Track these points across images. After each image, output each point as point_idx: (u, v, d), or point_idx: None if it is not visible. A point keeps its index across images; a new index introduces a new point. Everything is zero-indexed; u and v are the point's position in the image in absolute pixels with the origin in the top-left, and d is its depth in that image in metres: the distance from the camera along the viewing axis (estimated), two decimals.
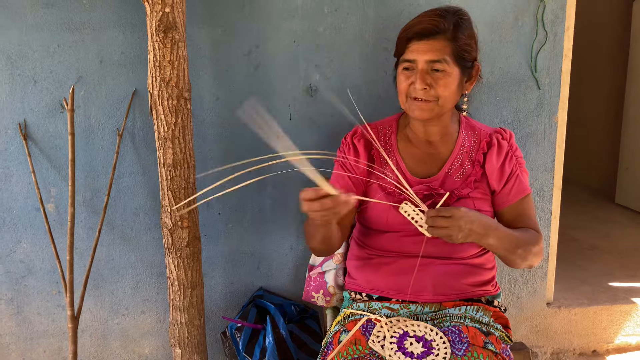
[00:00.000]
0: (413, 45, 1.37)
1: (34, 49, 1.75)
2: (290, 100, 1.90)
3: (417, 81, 1.37)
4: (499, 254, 1.39)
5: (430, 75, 1.36)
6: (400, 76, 1.42)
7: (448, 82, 1.37)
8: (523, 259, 1.39)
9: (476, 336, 1.30)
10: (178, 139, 1.57)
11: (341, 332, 1.37)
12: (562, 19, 1.95)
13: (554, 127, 2.04)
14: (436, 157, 1.49)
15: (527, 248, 1.38)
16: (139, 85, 1.81)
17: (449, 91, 1.38)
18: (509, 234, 1.37)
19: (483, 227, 1.30)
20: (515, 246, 1.36)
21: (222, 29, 1.82)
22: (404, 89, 1.41)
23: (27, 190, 1.84)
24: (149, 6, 1.51)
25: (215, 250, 1.97)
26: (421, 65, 1.36)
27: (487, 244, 1.34)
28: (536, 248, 1.41)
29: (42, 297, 1.93)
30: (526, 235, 1.42)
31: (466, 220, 1.26)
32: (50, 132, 1.82)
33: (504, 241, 1.35)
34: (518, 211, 1.47)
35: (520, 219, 1.47)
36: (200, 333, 1.74)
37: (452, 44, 1.35)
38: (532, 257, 1.41)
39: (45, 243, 1.88)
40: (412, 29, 1.37)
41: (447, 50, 1.35)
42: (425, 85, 1.36)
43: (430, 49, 1.35)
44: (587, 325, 2.27)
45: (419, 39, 1.36)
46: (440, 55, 1.35)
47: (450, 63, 1.36)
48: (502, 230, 1.36)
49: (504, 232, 1.36)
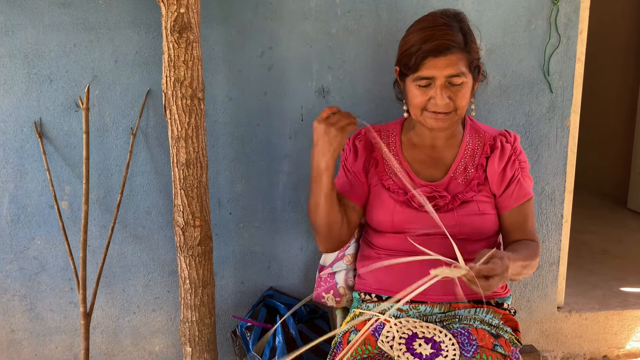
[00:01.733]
0: (430, 62, 1.33)
1: (50, 48, 1.78)
2: (302, 101, 1.91)
3: (438, 97, 1.35)
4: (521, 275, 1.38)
5: (449, 88, 1.35)
6: (415, 91, 1.38)
7: (465, 92, 1.37)
8: (524, 275, 1.39)
9: (485, 338, 1.30)
10: (191, 139, 1.59)
11: (351, 332, 1.38)
12: (575, 23, 1.94)
13: (566, 130, 2.03)
14: (440, 161, 1.50)
15: (530, 265, 1.38)
16: (153, 85, 1.83)
17: (466, 100, 1.38)
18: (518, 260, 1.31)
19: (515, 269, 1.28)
20: (522, 269, 1.35)
21: (235, 30, 1.83)
22: (421, 103, 1.38)
23: (41, 188, 1.87)
24: (164, 7, 1.52)
25: (227, 250, 1.98)
26: (440, 81, 1.34)
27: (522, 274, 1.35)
28: (535, 262, 1.41)
29: (55, 294, 1.95)
30: (528, 252, 1.39)
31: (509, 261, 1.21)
32: (65, 130, 1.84)
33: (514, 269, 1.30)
34: (518, 216, 1.47)
35: (519, 225, 1.47)
36: (210, 332, 1.75)
37: (466, 56, 1.35)
38: (531, 270, 1.41)
39: (58, 240, 1.90)
40: (425, 46, 1.33)
41: (463, 62, 1.34)
42: (447, 99, 1.35)
43: (448, 64, 1.32)
44: (597, 330, 2.25)
45: (435, 55, 1.32)
46: (458, 69, 1.33)
47: (467, 73, 1.35)
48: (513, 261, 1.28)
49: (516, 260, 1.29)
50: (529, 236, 1.47)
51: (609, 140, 4.35)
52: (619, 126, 4.19)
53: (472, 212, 1.42)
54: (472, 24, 1.41)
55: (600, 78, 4.20)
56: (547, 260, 2.14)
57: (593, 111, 4.25)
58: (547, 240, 2.11)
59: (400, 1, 1.86)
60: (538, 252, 1.43)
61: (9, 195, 1.86)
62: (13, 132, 1.82)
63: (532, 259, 1.40)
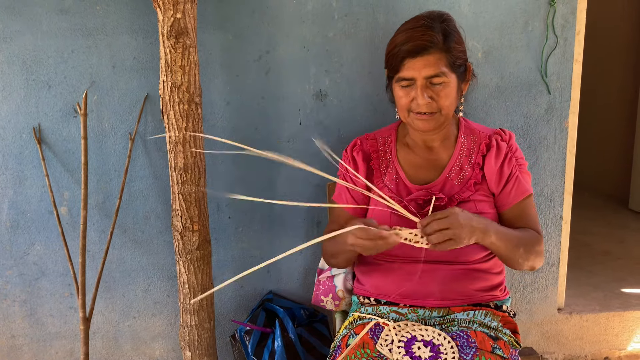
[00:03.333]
0: (408, 63, 1.35)
1: (48, 54, 1.78)
2: (300, 105, 1.91)
3: (419, 97, 1.36)
4: (500, 253, 1.38)
5: (430, 88, 1.36)
6: (399, 92, 1.41)
7: (448, 92, 1.37)
8: (525, 259, 1.39)
9: (484, 341, 1.30)
10: (189, 143, 1.59)
11: (349, 336, 1.38)
12: (572, 24, 1.95)
13: (565, 132, 2.03)
14: (436, 162, 1.50)
15: (528, 248, 1.39)
16: (151, 90, 1.84)
17: (450, 100, 1.38)
18: (509, 232, 1.37)
19: (482, 222, 1.30)
20: (517, 245, 1.36)
21: (232, 35, 1.84)
22: (405, 104, 1.40)
23: (40, 194, 1.87)
24: (160, 12, 1.53)
25: (226, 254, 1.98)
26: (420, 81, 1.36)
27: (489, 242, 1.32)
28: (537, 248, 1.41)
29: (55, 299, 1.95)
30: (527, 234, 1.42)
31: (464, 217, 1.25)
32: (64, 136, 1.84)
33: (505, 239, 1.34)
34: (519, 213, 1.47)
35: (521, 221, 1.47)
36: (210, 336, 1.75)
37: (446, 55, 1.35)
38: (534, 258, 1.41)
39: (58, 246, 1.91)
40: (403, 47, 1.35)
41: (443, 62, 1.34)
42: (428, 100, 1.36)
43: (426, 65, 1.34)
44: (598, 332, 2.25)
45: (413, 56, 1.34)
46: (437, 69, 1.34)
47: (448, 73, 1.35)
48: (501, 228, 1.36)
49: (504, 230, 1.37)
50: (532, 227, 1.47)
51: (610, 140, 4.34)
52: (620, 126, 4.18)
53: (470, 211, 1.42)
54: (459, 25, 1.43)
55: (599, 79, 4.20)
56: (548, 262, 2.13)
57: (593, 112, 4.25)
58: (547, 241, 2.11)
59: (396, 4, 1.87)
60: (540, 241, 1.43)
61: (9, 201, 1.86)
62: (12, 138, 1.82)
63: (533, 243, 1.41)
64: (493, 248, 1.37)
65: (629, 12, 3.98)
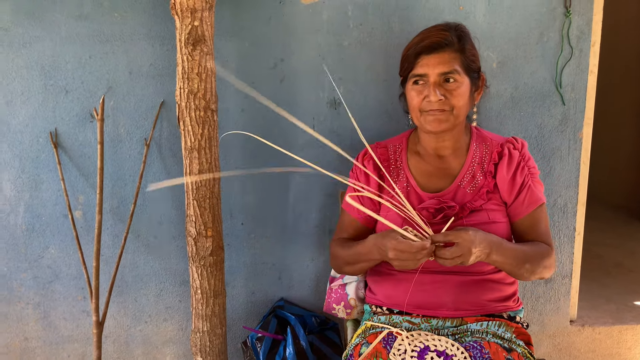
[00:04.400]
0: (423, 59, 1.39)
1: (66, 60, 1.81)
2: (314, 112, 1.92)
3: (432, 93, 1.38)
4: (504, 269, 1.38)
5: (443, 86, 1.39)
6: (411, 92, 1.43)
7: (461, 91, 1.39)
8: (531, 273, 1.39)
9: (498, 352, 1.29)
10: (204, 150, 1.60)
11: (362, 345, 1.37)
12: (587, 35, 1.94)
13: (579, 143, 2.02)
14: (447, 171, 1.50)
15: (536, 262, 1.38)
16: (167, 96, 1.85)
17: (463, 101, 1.40)
18: (515, 250, 1.36)
19: (488, 245, 1.29)
20: (522, 261, 1.35)
21: (249, 42, 1.85)
22: (417, 104, 1.42)
23: (56, 198, 1.89)
24: (178, 19, 1.55)
25: (238, 260, 1.99)
26: (433, 78, 1.39)
27: (490, 261, 1.33)
28: (547, 261, 1.41)
29: (68, 303, 1.97)
30: (536, 249, 1.41)
31: (476, 243, 1.25)
32: (80, 141, 1.86)
33: (509, 257, 1.33)
34: (531, 222, 1.46)
35: (533, 231, 1.46)
36: (221, 342, 1.75)
37: (460, 55, 1.39)
38: (542, 270, 1.40)
39: (72, 249, 1.92)
40: (419, 45, 1.40)
41: (457, 62, 1.38)
42: (440, 97, 1.38)
43: (441, 62, 1.37)
44: (611, 345, 2.22)
45: (428, 52, 1.38)
46: (451, 66, 1.37)
47: (461, 73, 1.39)
48: (506, 247, 1.34)
49: (509, 248, 1.35)
50: (543, 240, 1.46)
51: (622, 152, 4.31)
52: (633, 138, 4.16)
53: (482, 220, 1.42)
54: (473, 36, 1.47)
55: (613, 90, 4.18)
56: (560, 273, 2.12)
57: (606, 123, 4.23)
58: (560, 253, 2.10)
59: (411, 13, 1.87)
60: (549, 254, 1.42)
61: (24, 205, 1.88)
62: (29, 143, 1.84)
63: (540, 257, 1.40)
64: (495, 265, 1.37)
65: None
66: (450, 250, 1.25)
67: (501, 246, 1.32)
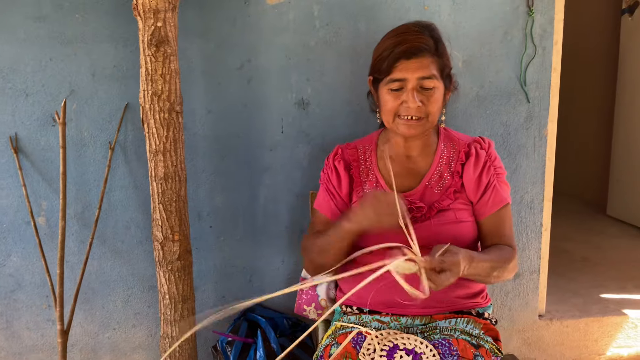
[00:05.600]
0: (401, 64, 1.37)
1: (25, 62, 1.76)
2: (282, 113, 1.91)
3: (410, 99, 1.37)
4: (473, 279, 1.40)
5: (421, 93, 1.38)
6: (387, 96, 1.41)
7: (437, 97, 1.39)
8: (497, 278, 1.39)
9: (466, 349, 1.30)
10: (169, 152, 1.58)
11: (332, 346, 1.37)
12: (550, 33, 1.97)
13: (544, 140, 2.05)
14: (415, 171, 1.51)
15: (502, 268, 1.38)
16: (131, 98, 1.82)
17: (437, 106, 1.41)
18: (484, 260, 1.33)
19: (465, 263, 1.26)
20: (490, 270, 1.35)
21: (214, 43, 1.83)
22: (393, 108, 1.41)
23: (17, 204, 1.84)
24: (141, 20, 1.52)
25: (207, 264, 1.97)
26: (412, 83, 1.37)
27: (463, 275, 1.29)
28: (511, 265, 1.41)
29: (32, 312, 1.92)
30: (501, 254, 1.41)
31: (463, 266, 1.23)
32: (42, 145, 1.82)
33: (479, 269, 1.32)
34: (495, 222, 1.47)
35: (496, 231, 1.47)
36: (191, 347, 1.73)
37: (437, 60, 1.39)
38: (507, 274, 1.42)
39: (35, 257, 1.87)
40: (397, 49, 1.37)
41: (435, 66, 1.38)
42: (419, 103, 1.37)
43: (419, 67, 1.36)
44: (578, 337, 2.27)
45: (407, 57, 1.36)
46: (429, 71, 1.36)
47: (438, 78, 1.39)
48: (477, 260, 1.30)
49: (480, 260, 1.32)
50: (506, 241, 1.48)
51: (588, 147, 4.41)
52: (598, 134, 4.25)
53: (449, 220, 1.43)
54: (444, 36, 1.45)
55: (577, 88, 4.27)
56: (528, 269, 2.15)
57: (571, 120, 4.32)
58: (528, 248, 2.13)
59: (378, 14, 1.88)
60: (513, 257, 1.43)
61: None
62: None
63: (505, 262, 1.40)
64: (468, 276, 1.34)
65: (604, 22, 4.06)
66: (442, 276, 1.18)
67: (473, 260, 1.30)
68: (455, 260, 1.21)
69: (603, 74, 4.12)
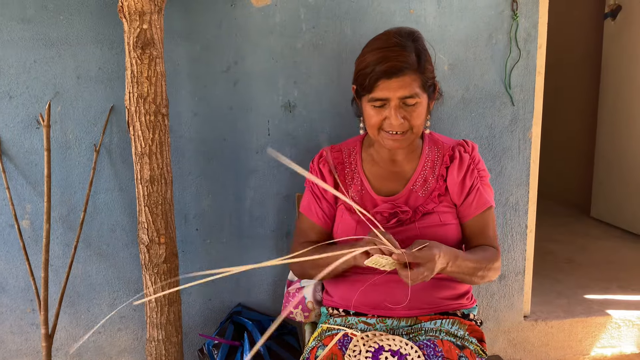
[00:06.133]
0: (382, 83, 1.34)
1: (9, 64, 1.74)
2: (268, 116, 1.91)
3: (393, 117, 1.36)
4: (457, 278, 1.41)
5: (403, 109, 1.37)
6: (370, 111, 1.40)
7: (420, 111, 1.39)
8: (481, 279, 1.41)
9: (451, 350, 1.31)
10: (155, 155, 1.57)
11: (318, 348, 1.37)
12: (534, 37, 2.00)
13: (528, 142, 2.07)
14: (400, 174, 1.51)
15: (486, 269, 1.40)
16: (117, 101, 1.81)
17: (421, 119, 1.40)
18: (468, 260, 1.36)
19: (446, 261, 1.29)
20: (474, 270, 1.37)
21: (200, 46, 1.83)
22: (376, 123, 1.40)
23: (1, 207, 1.82)
24: (126, 23, 1.51)
25: (193, 267, 1.96)
26: (394, 102, 1.36)
27: (446, 272, 1.34)
28: (495, 265, 1.43)
29: (16, 316, 1.90)
30: (485, 255, 1.43)
31: (440, 261, 1.25)
32: (26, 148, 1.80)
33: (463, 268, 1.35)
34: (479, 224, 1.49)
35: (480, 233, 1.49)
36: (177, 350, 1.72)
37: (420, 77, 1.36)
38: (491, 275, 1.43)
39: (19, 260, 1.85)
40: (378, 67, 1.34)
41: (417, 83, 1.35)
42: (402, 120, 1.37)
43: (401, 86, 1.34)
44: (563, 338, 2.29)
45: (388, 77, 1.33)
46: (411, 90, 1.35)
47: (420, 94, 1.37)
48: (461, 259, 1.34)
49: (463, 259, 1.35)
50: (490, 243, 1.49)
51: (572, 150, 4.45)
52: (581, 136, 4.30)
53: (433, 223, 1.44)
54: (427, 43, 1.44)
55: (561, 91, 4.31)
56: (513, 270, 2.17)
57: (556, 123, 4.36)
58: (513, 250, 2.15)
59: (363, 17, 1.89)
60: (497, 258, 1.45)
61: None
62: None
63: (489, 262, 1.42)
64: (451, 275, 1.38)
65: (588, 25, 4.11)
66: (416, 271, 1.22)
67: (457, 258, 1.32)
68: (429, 255, 1.23)
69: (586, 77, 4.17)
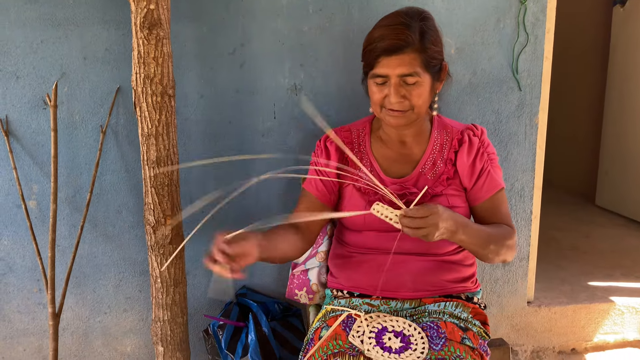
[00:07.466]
0: (383, 60, 1.35)
1: (16, 44, 1.74)
2: (274, 99, 1.90)
3: (392, 95, 1.37)
4: (470, 249, 1.40)
5: (403, 87, 1.37)
6: (373, 88, 1.41)
7: (421, 91, 1.38)
8: (496, 254, 1.39)
9: (454, 332, 1.32)
10: (162, 136, 1.58)
11: (322, 329, 1.38)
12: (542, 22, 1.98)
13: (535, 128, 2.07)
14: (409, 157, 1.51)
15: (500, 243, 1.39)
16: (123, 82, 1.81)
17: (423, 99, 1.39)
18: (480, 230, 1.37)
19: (455, 224, 1.29)
20: (487, 242, 1.37)
21: (207, 27, 1.82)
22: (378, 100, 1.41)
23: (8, 187, 1.83)
24: (133, 3, 1.51)
25: (199, 249, 1.96)
26: (394, 79, 1.36)
27: (457, 240, 1.33)
28: (509, 242, 1.42)
29: (23, 295, 1.91)
30: (499, 230, 1.43)
31: (443, 218, 1.25)
32: (33, 128, 1.81)
33: (475, 237, 1.34)
34: (491, 207, 1.48)
35: (493, 215, 1.48)
36: (182, 331, 1.74)
37: (421, 55, 1.35)
38: (506, 252, 1.41)
39: (26, 240, 1.87)
40: (379, 44, 1.35)
41: (417, 62, 1.35)
42: (400, 98, 1.37)
43: (400, 64, 1.34)
44: (566, 324, 2.30)
45: (388, 54, 1.34)
46: (411, 68, 1.34)
47: (422, 73, 1.36)
48: (472, 227, 1.35)
49: (474, 228, 1.36)
50: (504, 222, 1.49)
51: (578, 137, 4.43)
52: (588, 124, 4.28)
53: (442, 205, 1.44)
54: (437, 24, 1.42)
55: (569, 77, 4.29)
56: (518, 256, 2.17)
57: (563, 109, 4.34)
58: (518, 236, 2.14)
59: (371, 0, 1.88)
60: (511, 236, 1.44)
61: None
62: None
63: (503, 238, 1.41)
64: (462, 244, 1.38)
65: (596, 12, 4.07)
66: (417, 221, 1.23)
67: (467, 226, 1.33)
68: (432, 207, 1.24)
69: (594, 65, 4.14)
